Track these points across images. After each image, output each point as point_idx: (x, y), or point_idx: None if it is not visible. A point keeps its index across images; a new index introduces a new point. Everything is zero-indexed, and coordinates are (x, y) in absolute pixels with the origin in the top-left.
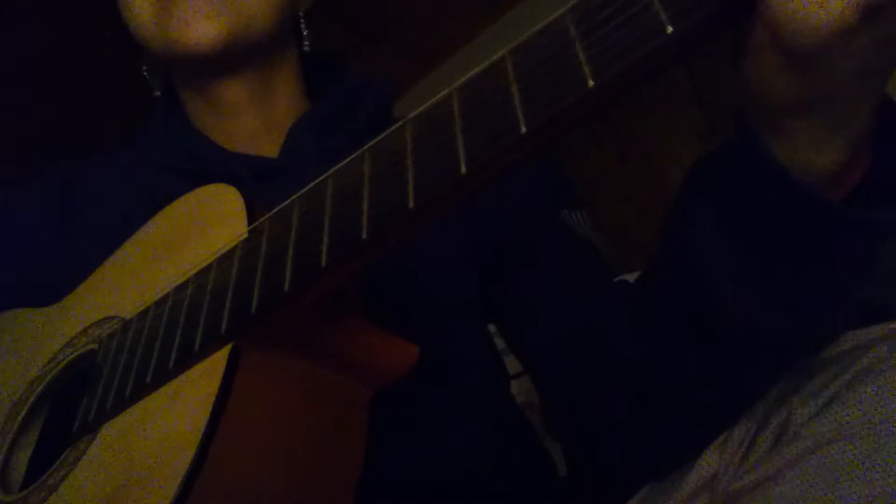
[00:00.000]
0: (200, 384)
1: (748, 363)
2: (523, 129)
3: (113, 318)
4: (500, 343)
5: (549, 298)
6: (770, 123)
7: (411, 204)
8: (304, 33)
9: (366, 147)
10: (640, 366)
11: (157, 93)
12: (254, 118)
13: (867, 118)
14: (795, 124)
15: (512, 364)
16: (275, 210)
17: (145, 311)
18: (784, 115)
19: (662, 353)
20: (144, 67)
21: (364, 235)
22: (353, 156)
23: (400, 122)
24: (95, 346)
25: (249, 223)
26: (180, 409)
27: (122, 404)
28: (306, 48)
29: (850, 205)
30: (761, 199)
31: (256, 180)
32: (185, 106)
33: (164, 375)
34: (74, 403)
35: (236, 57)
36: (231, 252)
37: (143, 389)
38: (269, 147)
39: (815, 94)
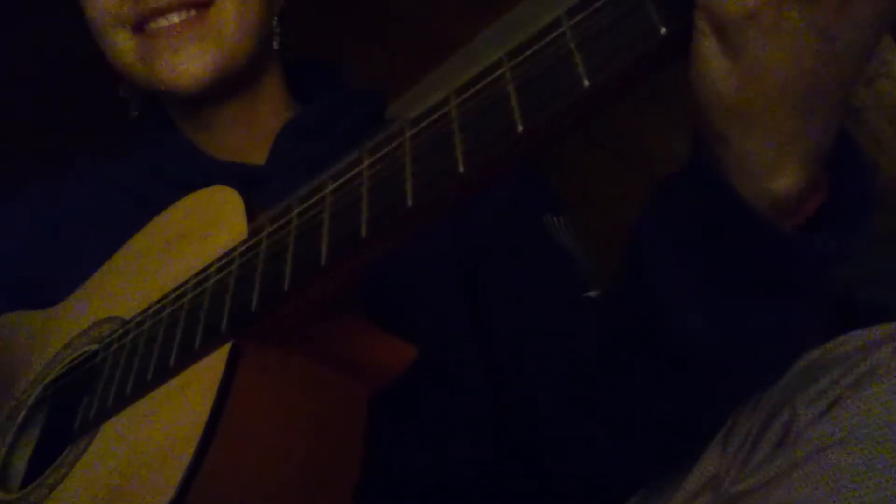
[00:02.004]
0: (201, 382)
1: (699, 386)
2: (520, 129)
3: (114, 318)
4: None
5: (512, 307)
6: (720, 137)
7: (410, 203)
8: (278, 31)
9: (364, 147)
10: (595, 382)
11: (136, 113)
12: (241, 131)
13: (818, 144)
14: (743, 138)
15: None
16: (275, 210)
17: (146, 311)
18: (731, 124)
19: (616, 371)
20: (121, 90)
21: (363, 234)
22: (351, 156)
23: (398, 124)
24: (96, 346)
25: (249, 223)
26: (181, 406)
27: (122, 402)
28: (280, 47)
29: (804, 232)
30: (713, 224)
31: (245, 187)
32: (172, 118)
33: (165, 373)
34: (75, 403)
35: (222, 86)
36: (231, 252)
37: (143, 387)
38: (256, 154)
39: (752, 89)
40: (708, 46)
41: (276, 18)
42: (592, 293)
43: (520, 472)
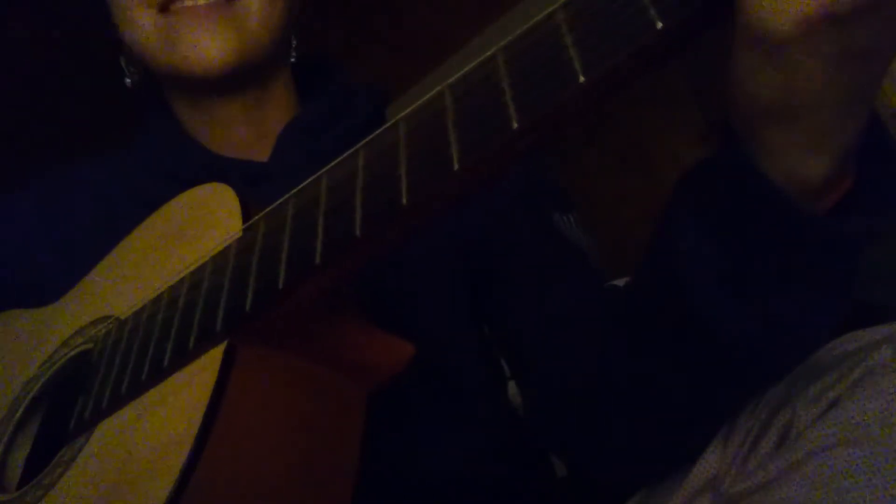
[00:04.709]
0: (196, 382)
1: (724, 377)
2: (515, 125)
3: (109, 317)
4: None
5: (531, 303)
6: (755, 132)
7: (405, 201)
8: (294, 44)
9: (359, 145)
10: (621, 373)
11: (128, 82)
12: (246, 128)
13: (852, 135)
14: (779, 134)
15: None
16: (269, 208)
17: (141, 310)
18: (768, 122)
19: (643, 360)
20: (122, 59)
21: (358, 233)
22: (346, 153)
23: (393, 120)
24: (91, 345)
25: (244, 222)
26: (176, 407)
27: (117, 402)
28: (293, 59)
29: (832, 217)
30: (744, 209)
31: (246, 184)
32: (176, 113)
33: (160, 373)
34: (70, 403)
35: (238, 77)
36: (226, 250)
37: (138, 387)
38: (259, 151)
39: (794, 97)
40: (748, 59)
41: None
42: (619, 282)
43: (520, 471)
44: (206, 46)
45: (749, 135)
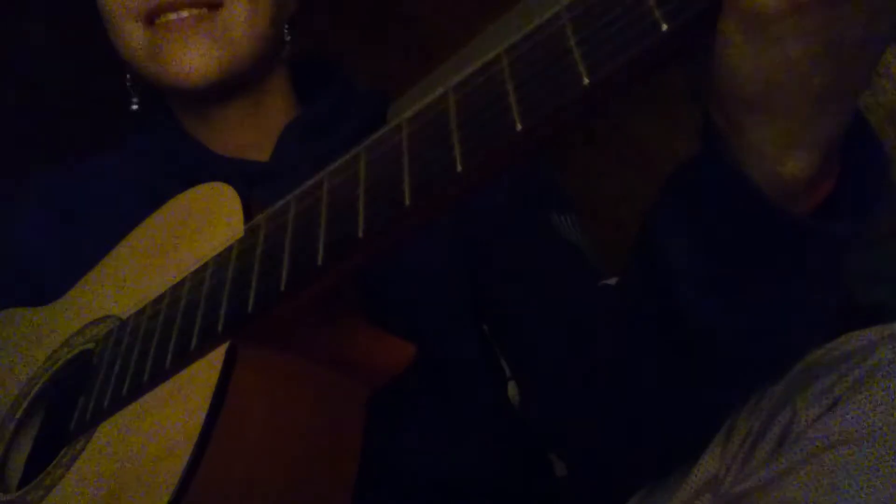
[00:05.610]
0: (197, 383)
1: (711, 377)
2: (519, 128)
3: (110, 317)
4: None
5: (529, 302)
6: (735, 127)
7: (408, 203)
8: (288, 39)
9: (361, 146)
10: (618, 373)
11: (134, 106)
12: (245, 129)
13: (831, 132)
14: (759, 128)
15: None
16: (271, 209)
17: (142, 311)
18: (749, 115)
19: (633, 360)
20: (128, 77)
21: (360, 234)
22: (348, 154)
23: (396, 122)
24: (92, 345)
25: (246, 222)
26: (177, 407)
27: (119, 403)
28: (291, 55)
29: (816, 218)
30: (725, 210)
31: (248, 184)
32: (176, 114)
33: (161, 374)
34: (71, 403)
35: (227, 86)
36: (228, 251)
37: (140, 388)
38: (260, 151)
39: (775, 85)
40: (733, 43)
41: (286, 26)
42: (610, 281)
43: (520, 471)
44: (190, 60)
45: (729, 128)
